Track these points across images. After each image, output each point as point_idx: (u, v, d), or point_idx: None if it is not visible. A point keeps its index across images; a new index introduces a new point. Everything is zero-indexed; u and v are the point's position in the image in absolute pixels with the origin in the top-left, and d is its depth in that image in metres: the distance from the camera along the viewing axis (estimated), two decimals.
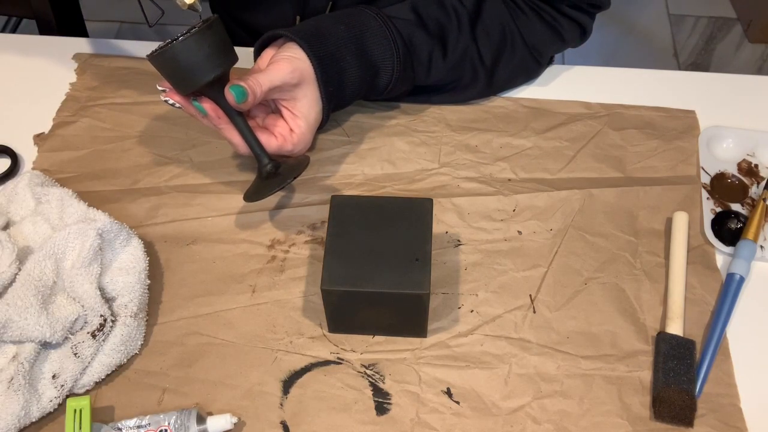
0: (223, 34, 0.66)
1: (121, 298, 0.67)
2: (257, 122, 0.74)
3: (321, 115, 0.74)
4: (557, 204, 0.76)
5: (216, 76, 0.66)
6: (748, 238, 0.72)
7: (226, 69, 0.67)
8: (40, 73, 0.89)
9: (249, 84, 0.67)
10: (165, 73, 0.67)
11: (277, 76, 0.69)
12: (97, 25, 2.14)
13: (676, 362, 0.64)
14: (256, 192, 0.71)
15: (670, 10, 2.25)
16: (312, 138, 0.74)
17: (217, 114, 0.69)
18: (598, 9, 0.82)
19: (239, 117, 0.69)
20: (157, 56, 0.65)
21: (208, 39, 0.65)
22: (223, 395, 0.65)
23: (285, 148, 0.72)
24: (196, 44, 0.64)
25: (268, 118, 0.74)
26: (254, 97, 0.67)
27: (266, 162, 0.70)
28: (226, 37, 0.67)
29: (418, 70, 0.78)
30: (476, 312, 0.69)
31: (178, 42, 0.64)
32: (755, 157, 0.80)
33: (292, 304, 0.70)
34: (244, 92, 0.66)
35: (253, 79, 0.67)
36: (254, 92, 0.67)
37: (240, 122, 0.69)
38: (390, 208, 0.66)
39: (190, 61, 0.65)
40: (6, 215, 0.72)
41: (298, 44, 0.71)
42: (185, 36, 0.64)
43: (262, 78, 0.68)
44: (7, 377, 0.61)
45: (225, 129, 0.70)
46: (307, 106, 0.72)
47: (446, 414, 0.63)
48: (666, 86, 0.87)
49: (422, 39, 0.76)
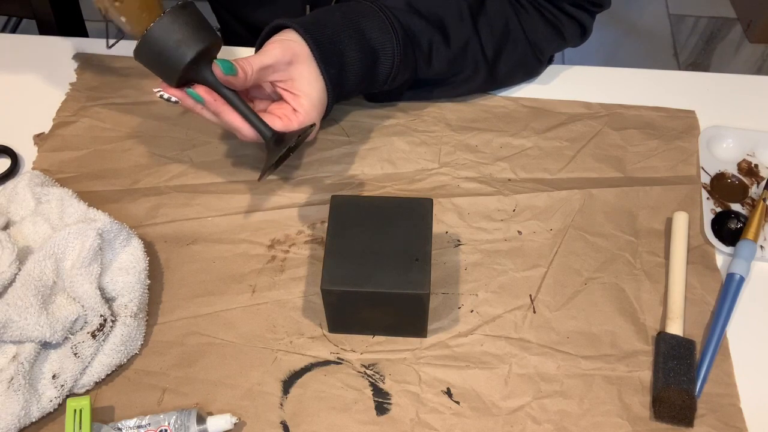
0: (199, 14, 0.66)
1: (121, 298, 0.67)
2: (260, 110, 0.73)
3: (324, 95, 0.72)
4: (557, 204, 0.76)
5: (198, 52, 0.65)
6: (748, 238, 0.72)
7: (207, 45, 0.66)
8: (40, 73, 0.89)
9: (238, 62, 0.66)
10: (150, 64, 0.66)
11: (267, 56, 0.69)
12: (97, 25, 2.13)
13: (676, 362, 0.64)
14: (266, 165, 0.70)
15: (670, 10, 2.25)
16: (319, 118, 0.72)
17: (213, 97, 0.68)
18: (599, 8, 0.82)
19: (234, 94, 0.68)
20: (138, 49, 0.65)
21: (182, 18, 0.65)
22: (223, 395, 0.65)
23: (290, 128, 0.70)
24: (171, 23, 0.64)
25: (270, 105, 0.74)
26: (245, 74, 0.67)
27: (269, 135, 0.69)
28: (202, 17, 0.67)
29: (419, 58, 0.78)
30: (476, 312, 0.69)
31: (152, 24, 0.64)
32: (755, 157, 0.80)
33: (292, 304, 0.70)
34: (231, 65, 0.66)
35: (244, 59, 0.67)
36: (244, 69, 0.67)
37: (235, 99, 0.68)
38: (390, 208, 0.66)
39: (168, 43, 0.64)
40: (6, 215, 0.72)
41: (294, 29, 0.71)
42: (159, 18, 0.64)
43: (253, 59, 0.68)
44: (7, 377, 0.61)
45: (223, 112, 0.68)
46: (306, 83, 0.71)
47: (446, 414, 0.63)
48: (666, 86, 0.87)
49: (421, 27, 0.77)
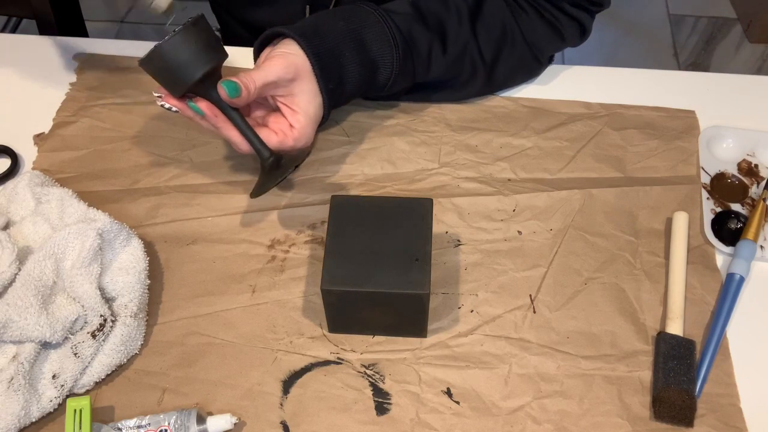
0: (209, 31, 0.66)
1: (121, 298, 0.67)
2: (257, 121, 0.74)
3: (321, 110, 0.73)
4: (557, 204, 0.76)
5: (206, 72, 0.66)
6: (748, 238, 0.72)
7: (215, 65, 0.67)
8: (40, 73, 0.89)
9: (242, 80, 0.67)
10: (156, 76, 0.67)
11: (271, 72, 0.69)
12: (97, 25, 2.14)
13: (676, 362, 0.64)
14: (260, 186, 0.71)
15: (670, 10, 2.25)
16: (313, 133, 0.74)
17: (214, 113, 0.69)
18: (599, 7, 0.82)
19: (236, 113, 0.69)
20: (145, 60, 0.65)
21: (193, 36, 0.65)
22: (223, 395, 0.65)
23: (286, 144, 0.71)
24: (182, 42, 0.64)
25: (268, 117, 0.74)
26: (248, 92, 0.67)
27: (267, 155, 0.70)
28: (212, 33, 0.67)
29: (417, 65, 0.78)
30: (476, 312, 0.69)
31: (164, 42, 0.64)
32: (755, 157, 0.80)
33: (292, 304, 0.70)
34: (236, 87, 0.66)
35: (247, 75, 0.67)
36: (248, 88, 0.67)
37: (237, 118, 0.69)
38: (390, 208, 0.66)
39: (178, 60, 0.65)
40: (6, 215, 0.72)
41: (295, 41, 0.71)
42: (171, 35, 0.64)
43: (256, 74, 0.68)
44: (7, 377, 0.61)
45: (223, 127, 0.70)
46: (305, 100, 0.72)
47: (446, 414, 0.63)
48: (666, 86, 0.87)
49: (421, 33, 0.76)
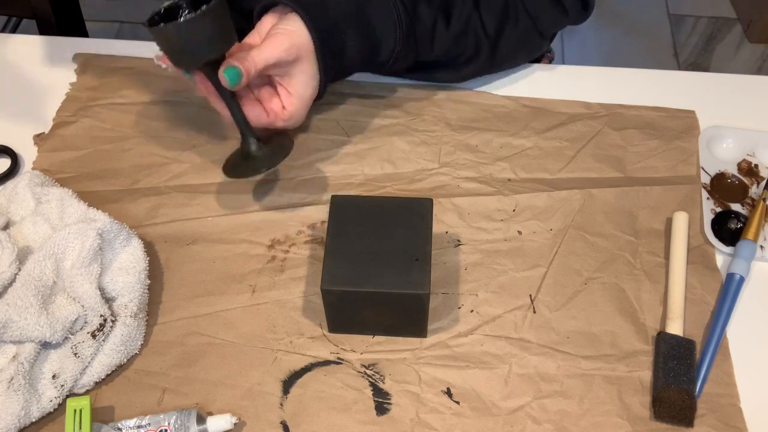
0: (226, 15, 0.65)
1: (121, 298, 0.67)
2: (252, 93, 0.74)
3: (316, 91, 0.73)
4: (557, 204, 0.76)
5: (217, 57, 0.66)
6: (748, 238, 0.72)
7: (224, 51, 0.67)
8: (40, 73, 0.89)
9: (243, 65, 0.66)
10: (162, 46, 0.66)
11: (272, 54, 0.68)
12: (97, 25, 2.14)
13: (676, 362, 0.64)
14: (234, 169, 0.72)
15: (670, 10, 2.24)
16: (305, 114, 0.74)
17: (207, 90, 0.69)
18: None
19: (229, 95, 0.69)
20: (157, 30, 0.63)
21: (210, 20, 0.63)
22: (223, 395, 0.65)
23: (275, 124, 0.72)
24: (200, 25, 0.63)
25: (263, 91, 0.74)
26: (247, 77, 0.67)
27: (250, 142, 0.71)
28: (228, 19, 0.66)
29: (421, 44, 0.77)
30: (476, 312, 0.69)
31: (181, 21, 0.63)
32: (755, 157, 0.80)
33: (292, 304, 0.70)
34: (237, 75, 0.66)
35: (249, 58, 0.67)
36: (248, 72, 0.67)
37: (230, 100, 0.69)
38: (390, 208, 0.66)
39: (190, 41, 0.64)
40: (6, 215, 0.72)
41: (300, 16, 0.69)
42: (191, 15, 0.63)
43: (258, 57, 0.68)
44: (7, 377, 0.61)
45: (213, 101, 0.70)
46: (303, 83, 0.71)
47: (446, 414, 0.63)
48: (666, 86, 0.87)
49: (426, 10, 0.76)
